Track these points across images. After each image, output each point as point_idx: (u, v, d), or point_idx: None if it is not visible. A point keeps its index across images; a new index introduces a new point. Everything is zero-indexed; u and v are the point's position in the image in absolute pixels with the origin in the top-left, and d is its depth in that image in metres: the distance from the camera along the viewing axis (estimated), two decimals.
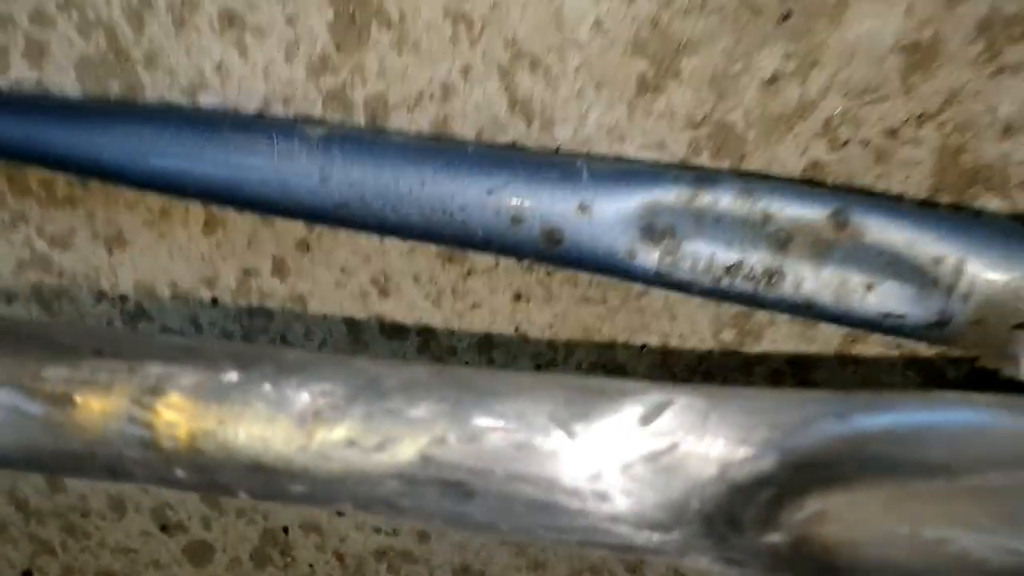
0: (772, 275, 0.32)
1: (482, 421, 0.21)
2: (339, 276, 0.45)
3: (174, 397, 0.22)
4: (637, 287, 0.41)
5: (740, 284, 0.32)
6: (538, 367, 0.44)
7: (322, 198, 0.37)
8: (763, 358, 0.41)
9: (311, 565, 0.53)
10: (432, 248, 0.43)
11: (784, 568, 0.21)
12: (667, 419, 0.21)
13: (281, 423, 0.22)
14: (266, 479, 0.23)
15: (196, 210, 0.46)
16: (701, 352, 0.41)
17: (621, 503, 0.21)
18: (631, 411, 0.21)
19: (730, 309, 0.40)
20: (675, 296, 0.40)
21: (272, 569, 0.54)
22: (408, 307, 0.45)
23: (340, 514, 0.51)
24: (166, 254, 0.47)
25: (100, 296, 0.49)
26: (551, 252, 0.34)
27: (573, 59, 0.38)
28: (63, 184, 0.47)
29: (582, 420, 0.21)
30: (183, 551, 0.56)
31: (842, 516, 0.21)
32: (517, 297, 0.43)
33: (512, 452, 0.21)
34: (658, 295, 0.41)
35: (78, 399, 0.23)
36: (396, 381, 0.23)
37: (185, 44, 0.42)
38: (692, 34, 0.36)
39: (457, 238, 0.36)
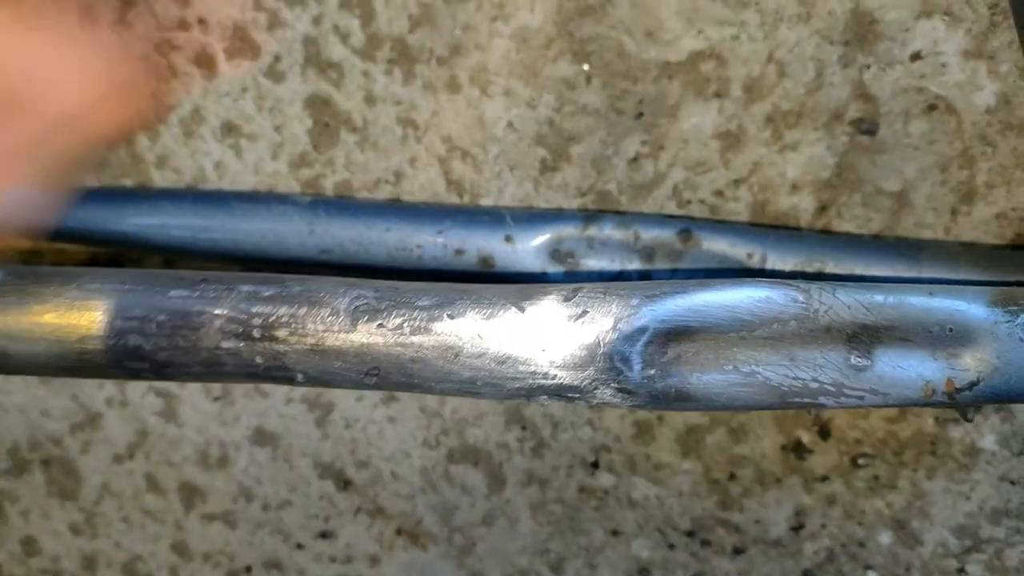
0: (644, 278, 0.45)
1: (464, 304, 0.33)
2: None
3: (258, 303, 0.33)
4: None
5: None
6: None
7: (309, 247, 0.49)
8: None
9: None
10: None
11: (660, 395, 0.33)
12: (580, 296, 0.33)
13: (332, 316, 0.33)
14: (319, 360, 0.33)
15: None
16: None
17: (555, 352, 0.32)
18: (557, 294, 0.33)
19: None
20: None
21: None
22: None
23: (299, 547, 0.59)
24: None
25: None
26: (486, 274, 0.47)
27: (493, 150, 0.52)
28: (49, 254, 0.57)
29: (527, 300, 0.33)
30: None
31: (691, 359, 0.33)
32: None
33: (483, 323, 0.33)
34: None
35: (196, 310, 0.33)
36: (409, 287, 0.34)
37: (191, 148, 0.55)
38: (577, 129, 0.51)
39: (414, 270, 0.48)
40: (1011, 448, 0.51)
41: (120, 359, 0.34)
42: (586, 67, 0.51)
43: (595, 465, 0.55)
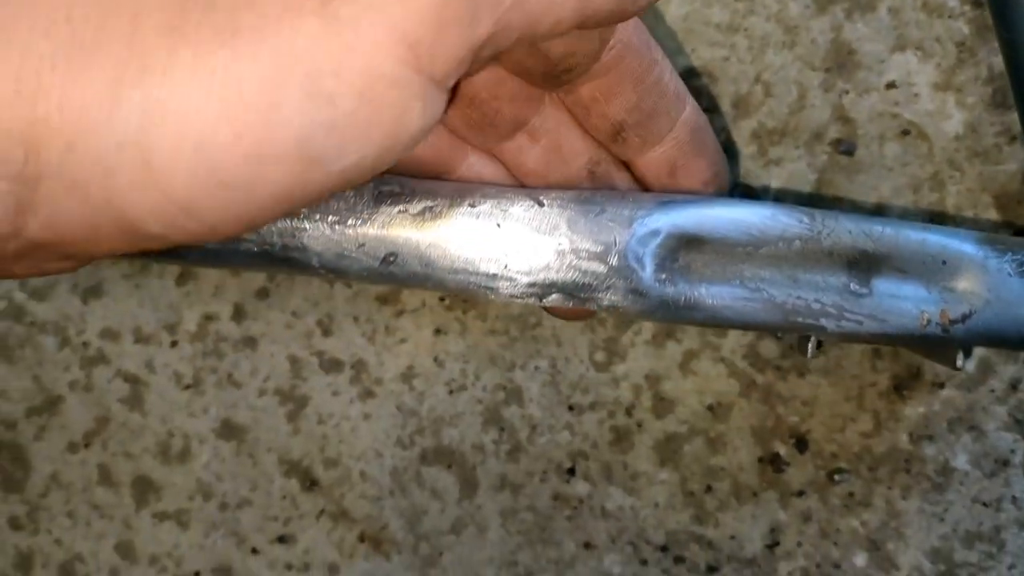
0: None
1: (484, 196, 0.34)
2: (289, 319, 0.56)
3: None
4: (532, 319, 0.54)
5: None
6: (450, 392, 0.55)
7: None
8: (626, 373, 0.54)
9: None
10: (372, 291, 0.55)
11: (670, 301, 0.33)
12: (598, 196, 0.34)
13: (356, 196, 0.33)
14: (339, 241, 0.33)
15: (173, 265, 0.56)
16: (580, 370, 0.54)
17: (571, 246, 0.33)
18: (577, 192, 0.34)
19: (602, 335, 0.54)
20: (559, 325, 0.54)
21: None
22: (346, 344, 0.55)
23: (254, 551, 0.56)
24: (136, 303, 0.56)
25: (64, 343, 0.57)
26: None
27: None
28: None
29: (547, 196, 0.34)
30: None
31: (700, 269, 0.34)
32: (437, 331, 0.55)
33: (502, 213, 0.33)
34: (548, 326, 0.54)
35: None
36: (429, 182, 0.35)
37: None
38: None
39: None
40: (983, 468, 0.52)
41: None
42: None
43: (571, 472, 0.54)
